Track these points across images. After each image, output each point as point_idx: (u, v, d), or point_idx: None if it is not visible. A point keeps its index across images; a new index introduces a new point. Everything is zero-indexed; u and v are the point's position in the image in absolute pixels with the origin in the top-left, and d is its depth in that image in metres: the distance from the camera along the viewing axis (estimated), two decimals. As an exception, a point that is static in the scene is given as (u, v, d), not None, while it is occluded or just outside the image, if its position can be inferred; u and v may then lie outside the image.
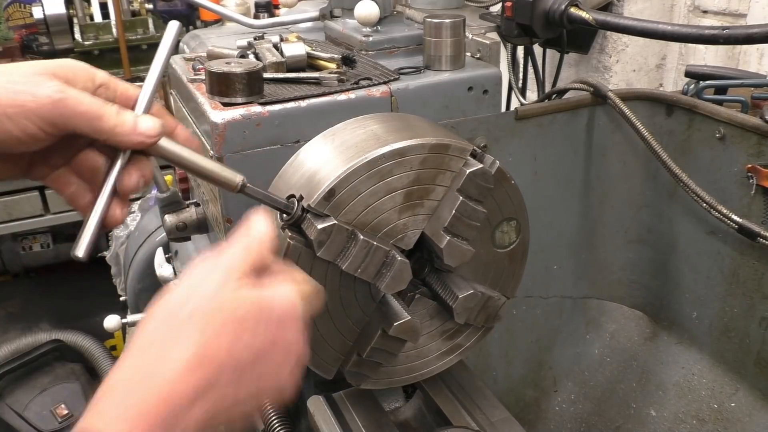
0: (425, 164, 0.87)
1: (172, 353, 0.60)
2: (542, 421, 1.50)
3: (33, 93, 0.66)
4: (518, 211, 0.97)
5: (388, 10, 1.32)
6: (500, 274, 1.00)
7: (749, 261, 1.19)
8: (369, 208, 0.87)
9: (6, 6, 3.64)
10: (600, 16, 1.28)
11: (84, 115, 0.67)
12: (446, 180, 0.89)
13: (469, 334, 1.01)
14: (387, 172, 0.86)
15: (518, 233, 0.98)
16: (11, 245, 3.62)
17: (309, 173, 0.90)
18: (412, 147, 0.86)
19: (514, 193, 0.95)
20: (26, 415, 2.82)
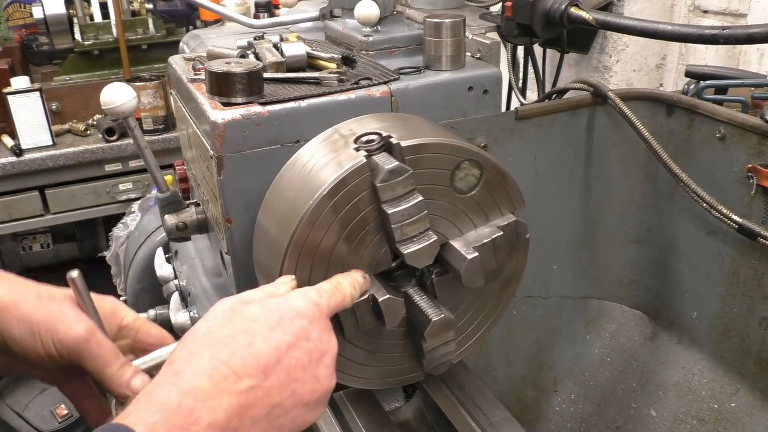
0: (338, 208, 0.85)
1: (193, 360, 0.67)
2: (542, 421, 1.50)
3: (69, 326, 0.75)
4: (458, 153, 0.91)
5: (388, 10, 1.31)
6: (491, 204, 0.95)
7: (749, 261, 1.19)
8: (430, 186, 0.88)
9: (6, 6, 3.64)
10: (600, 16, 1.28)
11: (97, 359, 0.76)
12: (367, 201, 0.86)
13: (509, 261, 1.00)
14: (315, 241, 0.86)
15: (477, 166, 0.92)
16: (11, 245, 3.62)
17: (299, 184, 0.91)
18: (314, 208, 0.84)
19: (440, 148, 0.89)
20: (26, 415, 2.82)
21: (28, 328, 0.75)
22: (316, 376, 0.72)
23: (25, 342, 0.75)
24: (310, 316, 0.73)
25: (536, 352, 1.49)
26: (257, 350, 0.68)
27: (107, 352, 0.77)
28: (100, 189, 3.23)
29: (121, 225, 2.57)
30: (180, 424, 0.61)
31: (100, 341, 0.76)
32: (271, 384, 0.68)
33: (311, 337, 0.72)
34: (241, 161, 0.99)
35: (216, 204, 1.05)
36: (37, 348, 0.75)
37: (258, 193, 0.98)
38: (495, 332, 1.05)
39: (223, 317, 0.72)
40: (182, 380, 0.64)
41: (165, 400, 0.62)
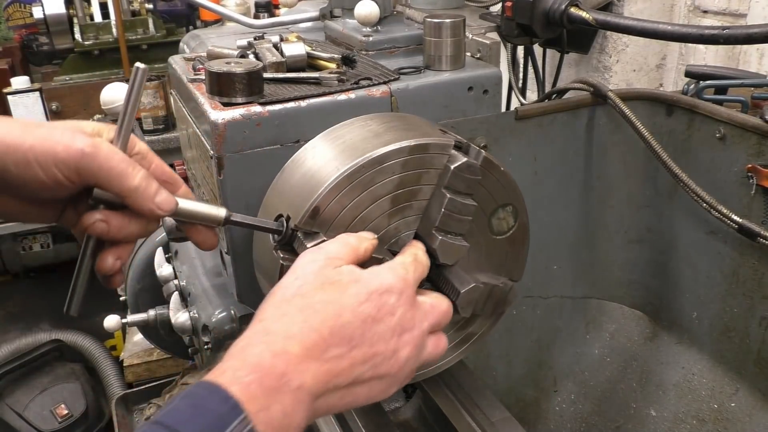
0: (407, 167, 0.87)
1: (285, 321, 0.69)
2: (542, 421, 1.50)
3: (67, 144, 0.69)
4: (512, 196, 0.96)
5: (388, 10, 1.31)
6: (503, 259, 0.99)
7: (749, 261, 1.19)
8: (357, 219, 0.87)
9: (6, 6, 3.64)
10: (600, 16, 1.28)
11: (111, 170, 0.70)
12: (432, 178, 0.88)
13: (481, 322, 1.01)
14: (369, 182, 0.85)
15: (515, 217, 0.97)
16: (11, 245, 3.62)
17: (299, 184, 0.91)
18: (391, 153, 0.86)
19: (504, 179, 0.94)
20: (26, 415, 2.82)
21: (22, 158, 0.68)
22: (396, 352, 0.74)
23: (23, 173, 0.69)
24: (397, 292, 0.75)
25: (536, 351, 1.49)
26: (346, 321, 0.70)
27: (121, 162, 0.71)
28: (100, 189, 3.23)
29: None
30: (272, 386, 0.63)
31: (109, 153, 0.70)
32: (355, 355, 0.70)
33: (396, 312, 0.74)
34: (241, 161, 0.99)
35: (216, 204, 1.05)
36: (39, 176, 0.69)
37: (258, 193, 0.98)
38: (495, 332, 1.05)
39: (315, 280, 0.73)
40: (274, 343, 0.66)
41: (258, 362, 0.64)
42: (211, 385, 0.62)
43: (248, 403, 0.61)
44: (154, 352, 2.63)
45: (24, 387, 2.93)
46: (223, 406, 0.60)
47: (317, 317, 0.69)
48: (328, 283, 0.73)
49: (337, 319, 0.70)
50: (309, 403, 0.66)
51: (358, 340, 0.70)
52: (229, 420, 0.59)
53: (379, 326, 0.72)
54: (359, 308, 0.71)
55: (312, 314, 0.69)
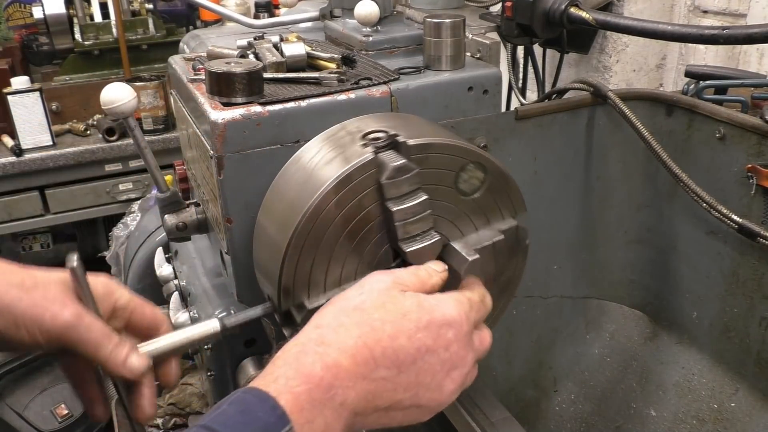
0: (342, 204, 0.85)
1: (339, 334, 0.69)
2: (542, 421, 1.50)
3: (54, 313, 0.74)
4: (464, 153, 0.90)
5: (388, 10, 1.32)
6: (495, 206, 0.95)
7: (749, 261, 1.19)
8: (434, 186, 0.87)
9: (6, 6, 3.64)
10: (600, 16, 1.28)
11: (88, 342, 0.75)
12: (370, 198, 0.86)
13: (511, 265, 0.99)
14: (317, 238, 0.85)
15: (482, 169, 0.92)
16: (11, 245, 3.61)
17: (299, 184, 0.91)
18: (319, 204, 0.84)
19: (446, 149, 0.89)
20: (26, 415, 2.81)
21: (12, 320, 0.74)
22: (441, 386, 0.74)
23: (10, 333, 0.74)
24: (456, 327, 0.75)
25: (536, 352, 1.49)
26: (399, 345, 0.70)
27: (98, 334, 0.76)
28: (100, 189, 3.23)
29: (121, 225, 2.57)
30: (320, 399, 0.64)
31: (89, 324, 0.76)
32: (401, 381, 0.70)
33: (451, 349, 0.74)
34: (241, 161, 0.99)
35: (216, 204, 1.05)
36: (23, 338, 0.74)
37: (258, 193, 0.98)
38: (495, 332, 1.05)
39: (378, 298, 0.73)
40: (327, 354, 0.67)
41: (310, 372, 0.65)
42: (261, 393, 0.62)
43: (295, 414, 0.62)
44: (154, 352, 2.63)
45: (24, 387, 2.93)
46: (271, 415, 0.61)
47: (373, 335, 0.69)
48: (391, 303, 0.72)
49: (392, 341, 0.70)
50: (348, 419, 0.67)
51: (408, 367, 0.70)
52: (275, 429, 0.60)
53: (431, 357, 0.72)
54: (416, 335, 0.71)
55: (369, 331, 0.69)
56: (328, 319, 0.71)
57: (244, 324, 0.87)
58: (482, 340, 0.81)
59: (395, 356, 0.69)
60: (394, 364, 0.69)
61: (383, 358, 0.69)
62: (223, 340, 0.88)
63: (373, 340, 0.69)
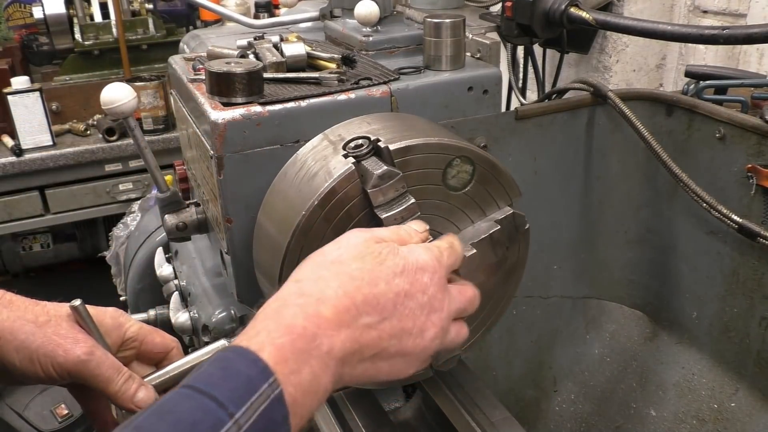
0: (330, 217, 0.85)
1: (320, 284, 0.69)
2: (542, 421, 1.50)
3: (66, 350, 0.78)
4: (448, 149, 0.90)
5: (388, 10, 1.32)
6: (487, 197, 0.95)
7: (749, 261, 1.19)
8: (420, 187, 0.88)
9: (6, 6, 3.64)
10: (600, 16, 1.28)
11: (99, 377, 0.79)
12: (358, 208, 0.86)
13: (512, 250, 0.98)
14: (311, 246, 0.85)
15: (469, 162, 0.92)
16: (11, 245, 3.62)
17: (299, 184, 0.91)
18: (308, 219, 0.85)
19: (428, 149, 0.89)
20: (26, 415, 2.81)
21: (27, 355, 0.78)
22: (422, 331, 0.74)
23: (25, 368, 0.78)
24: (431, 271, 0.75)
25: (536, 352, 1.49)
26: (379, 291, 0.70)
27: (108, 369, 0.80)
28: (100, 189, 3.23)
29: (121, 225, 2.57)
30: (303, 348, 0.64)
31: (99, 360, 0.79)
32: (384, 327, 0.71)
33: (428, 291, 0.74)
34: (241, 161, 0.99)
35: (216, 204, 1.05)
36: (38, 372, 0.78)
37: (258, 193, 0.98)
38: (495, 332, 1.05)
39: (355, 250, 0.73)
40: (308, 305, 0.67)
41: (291, 323, 0.65)
42: (242, 349, 0.62)
43: (279, 365, 0.61)
44: (154, 352, 2.63)
45: (24, 387, 2.93)
46: (253, 368, 0.61)
47: (352, 284, 0.70)
48: (367, 254, 0.73)
49: (372, 288, 0.70)
50: (336, 369, 0.67)
51: (390, 312, 0.71)
52: (258, 382, 0.60)
53: (410, 301, 0.73)
54: (394, 280, 0.72)
55: (347, 280, 0.70)
56: (307, 273, 0.72)
57: None
58: (462, 291, 0.80)
59: (376, 302, 0.70)
60: (375, 310, 0.70)
61: (364, 304, 0.69)
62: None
63: (353, 288, 0.69)
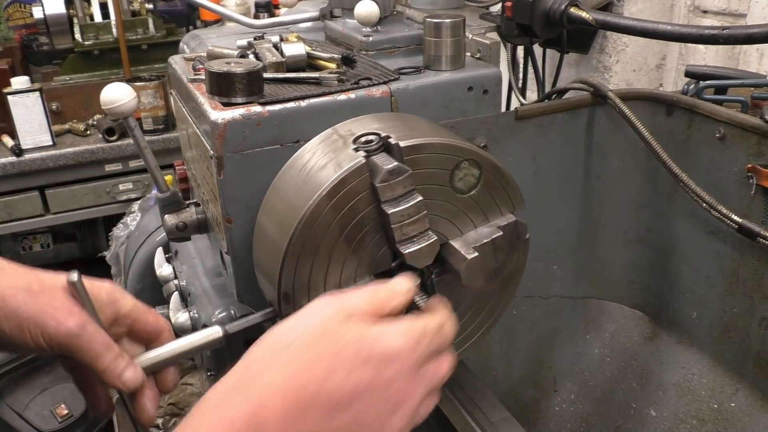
0: (337, 208, 0.85)
1: (267, 375, 0.64)
2: (542, 421, 1.50)
3: (59, 321, 0.76)
4: (457, 151, 0.90)
5: (388, 10, 1.31)
6: (492, 202, 0.95)
7: (749, 261, 1.19)
8: (427, 186, 0.87)
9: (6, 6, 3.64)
10: (600, 16, 1.28)
11: (89, 352, 0.77)
12: (365, 202, 0.86)
13: (510, 260, 0.98)
14: (313, 245, 0.85)
15: (477, 165, 0.92)
16: (11, 245, 3.61)
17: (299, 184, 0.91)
18: (314, 211, 0.84)
19: (438, 149, 0.89)
20: (26, 415, 2.81)
21: (16, 324, 0.76)
22: (384, 426, 0.66)
23: (15, 336, 0.76)
24: (400, 361, 0.67)
25: (536, 352, 1.49)
26: (334, 386, 0.63)
27: (99, 345, 0.78)
28: (100, 189, 3.23)
29: (121, 225, 2.57)
30: None
31: (91, 336, 0.77)
32: (338, 424, 0.64)
33: (393, 386, 0.66)
34: (241, 161, 0.99)
35: (216, 204, 1.05)
36: (27, 341, 0.76)
37: (258, 193, 0.98)
38: (495, 332, 1.05)
39: (314, 332, 0.66)
40: (253, 395, 0.62)
41: (232, 419, 0.61)
42: None
43: None
44: (154, 352, 2.63)
45: (24, 387, 2.93)
46: None
47: (304, 376, 0.63)
48: (327, 337, 0.65)
49: (325, 382, 0.63)
50: None
51: (344, 408, 0.63)
52: None
53: (371, 397, 0.65)
54: (353, 373, 0.64)
55: (299, 371, 0.63)
56: (258, 358, 0.66)
57: (246, 328, 0.86)
58: (437, 370, 0.71)
59: (329, 398, 0.63)
60: (328, 405, 0.63)
61: (316, 399, 0.62)
62: (225, 344, 0.87)
63: (305, 380, 0.63)
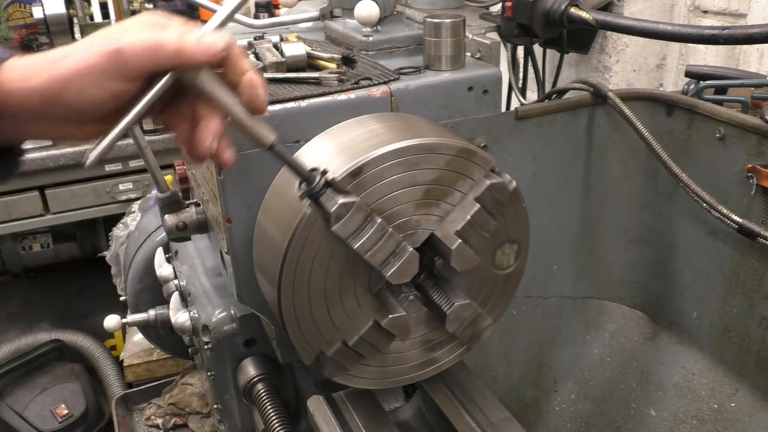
0: (450, 165, 0.89)
1: None
2: (542, 421, 1.50)
3: (132, 40, 0.69)
4: (522, 235, 0.98)
5: (388, 10, 1.31)
6: (492, 294, 1.01)
7: (749, 261, 1.19)
8: (388, 196, 0.88)
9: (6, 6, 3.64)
10: (600, 16, 1.28)
11: (142, 53, 0.69)
12: (465, 186, 0.91)
13: (449, 350, 1.02)
14: (414, 164, 0.87)
15: (517, 257, 1.00)
16: (11, 245, 3.61)
17: (331, 154, 0.92)
18: (442, 145, 0.88)
19: (522, 216, 0.97)
20: (26, 415, 2.81)
21: None
22: None
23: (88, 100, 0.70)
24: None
25: (536, 352, 1.49)
26: None
27: (145, 39, 0.70)
28: (100, 189, 3.23)
29: (121, 225, 2.57)
30: None
31: (129, 41, 0.70)
32: None
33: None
34: (241, 161, 0.99)
35: (216, 204, 1.05)
36: (100, 96, 0.70)
37: (258, 193, 0.98)
38: (495, 332, 1.05)
39: None
40: None
41: None
42: None
43: None
44: (154, 352, 2.62)
45: (24, 387, 2.93)
46: None
47: None
48: None
49: None
50: None
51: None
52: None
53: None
54: None
55: None
56: None
57: (284, 161, 0.82)
58: None
59: None
60: None
61: None
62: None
63: None
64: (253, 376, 1.24)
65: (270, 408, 1.19)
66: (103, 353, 3.14)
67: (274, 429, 1.16)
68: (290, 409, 1.28)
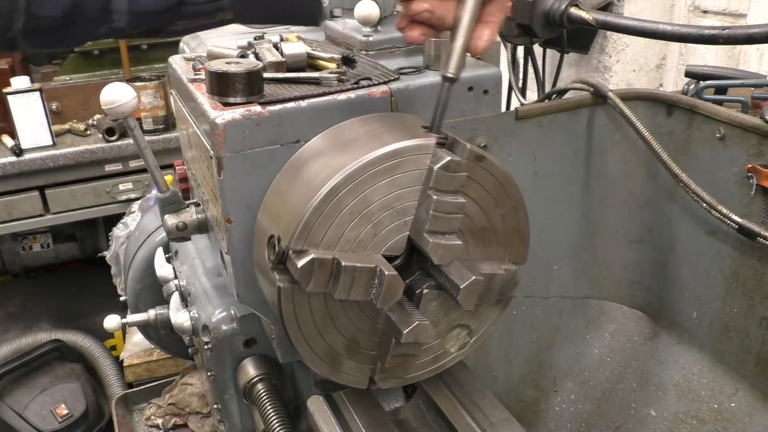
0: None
1: None
2: (542, 421, 1.50)
3: None
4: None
5: (388, 10, 1.31)
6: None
7: (749, 261, 1.19)
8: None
9: (6, 6, 3.63)
10: (600, 16, 1.28)
11: None
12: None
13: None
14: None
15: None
16: (11, 245, 3.62)
17: (299, 185, 0.91)
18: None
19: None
20: (26, 415, 2.82)
21: None
22: None
23: None
24: None
25: (536, 352, 1.49)
26: None
27: None
28: (100, 189, 3.23)
29: (121, 225, 2.57)
30: None
31: None
32: None
33: None
34: (241, 161, 0.99)
35: (216, 204, 1.05)
36: None
37: (258, 193, 0.98)
38: (495, 332, 1.05)
39: None
40: None
41: None
42: None
43: None
44: (154, 352, 2.63)
45: (24, 387, 2.93)
46: None
47: None
48: None
49: None
50: None
51: None
52: None
53: None
54: None
55: None
56: None
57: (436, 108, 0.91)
58: None
59: None
60: None
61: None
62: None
63: None
64: (253, 376, 1.24)
65: (270, 408, 1.19)
66: (103, 353, 3.15)
67: (274, 429, 1.16)
68: (290, 409, 1.27)
